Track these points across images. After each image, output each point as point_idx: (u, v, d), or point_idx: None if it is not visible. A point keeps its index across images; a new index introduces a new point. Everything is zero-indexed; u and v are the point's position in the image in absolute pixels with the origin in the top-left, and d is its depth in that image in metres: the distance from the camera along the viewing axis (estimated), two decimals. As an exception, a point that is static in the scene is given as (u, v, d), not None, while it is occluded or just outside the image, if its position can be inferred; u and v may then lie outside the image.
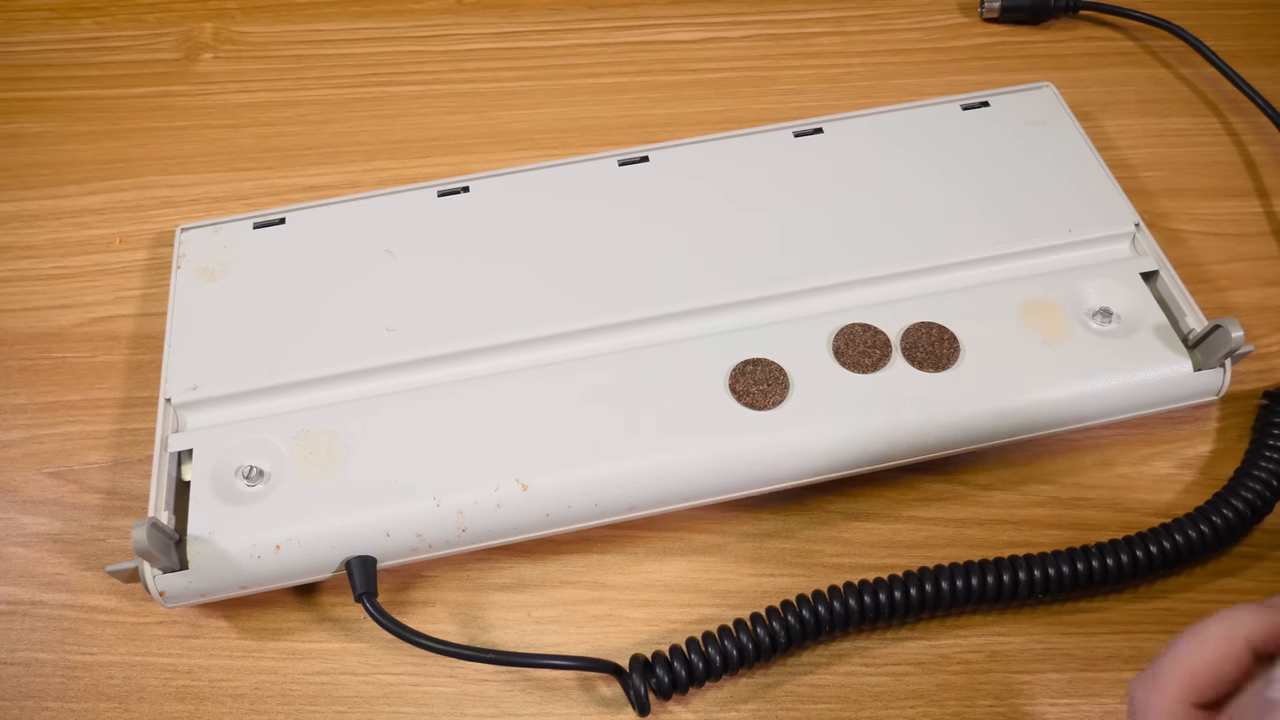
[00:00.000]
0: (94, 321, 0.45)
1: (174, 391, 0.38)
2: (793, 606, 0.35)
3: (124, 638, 0.37)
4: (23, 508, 0.40)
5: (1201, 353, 0.38)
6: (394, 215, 0.43)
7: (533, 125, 0.52)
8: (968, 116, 0.46)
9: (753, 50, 0.54)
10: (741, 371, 0.38)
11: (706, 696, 0.35)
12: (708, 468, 0.36)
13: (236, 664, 0.37)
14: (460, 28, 0.56)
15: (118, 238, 0.48)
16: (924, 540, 0.38)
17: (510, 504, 0.36)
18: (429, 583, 0.38)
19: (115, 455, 0.41)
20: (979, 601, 0.36)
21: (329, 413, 0.38)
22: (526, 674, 0.36)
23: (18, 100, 0.53)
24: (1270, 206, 0.47)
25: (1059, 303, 0.39)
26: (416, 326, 0.40)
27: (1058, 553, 0.36)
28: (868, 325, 0.39)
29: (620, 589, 0.38)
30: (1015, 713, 0.35)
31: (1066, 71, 0.52)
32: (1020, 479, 0.40)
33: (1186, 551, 0.36)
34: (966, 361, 0.38)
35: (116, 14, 0.57)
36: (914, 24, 0.55)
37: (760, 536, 0.39)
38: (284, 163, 0.50)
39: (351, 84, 0.53)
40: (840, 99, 0.52)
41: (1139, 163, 0.49)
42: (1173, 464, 0.40)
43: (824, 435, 0.37)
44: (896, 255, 0.41)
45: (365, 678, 0.36)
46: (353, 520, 0.35)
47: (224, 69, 0.54)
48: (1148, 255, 0.41)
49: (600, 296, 0.40)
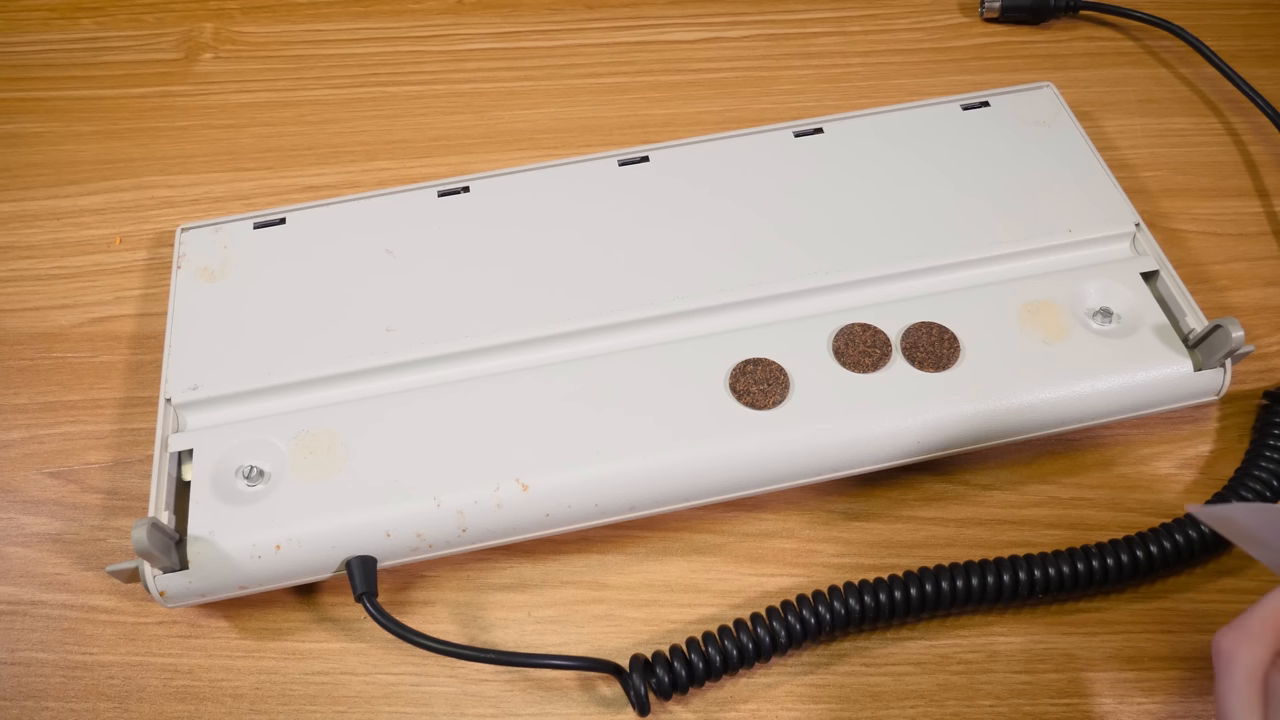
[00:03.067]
0: (94, 321, 0.45)
1: (174, 391, 0.38)
2: (793, 606, 0.35)
3: (124, 638, 0.37)
4: (23, 508, 0.40)
5: (1201, 353, 0.38)
6: (394, 215, 0.43)
7: (533, 125, 0.52)
8: (968, 116, 0.46)
9: (753, 50, 0.54)
10: (741, 371, 0.38)
11: (706, 696, 0.35)
12: (708, 468, 0.36)
13: (236, 664, 0.37)
14: (460, 28, 0.56)
15: (118, 238, 0.48)
16: (924, 540, 0.38)
17: (510, 504, 0.36)
18: (429, 583, 0.38)
19: (115, 455, 0.41)
20: (979, 601, 0.36)
21: (329, 413, 0.38)
22: (526, 674, 0.36)
23: (18, 100, 0.53)
24: (1270, 206, 0.47)
25: (1059, 303, 0.39)
26: (417, 326, 0.40)
27: (1058, 553, 0.36)
28: (868, 325, 0.39)
29: (620, 589, 0.38)
30: (1015, 713, 0.35)
31: (1066, 71, 0.52)
32: (1020, 479, 0.40)
33: (1186, 551, 0.36)
34: (966, 361, 0.38)
35: (116, 14, 0.57)
36: (914, 24, 0.55)
37: (760, 536, 0.39)
38: (284, 163, 0.50)
39: (351, 84, 0.54)
40: (840, 99, 0.52)
41: (1139, 163, 0.49)
42: (1173, 464, 0.40)
43: (824, 435, 0.37)
44: (896, 255, 0.41)
45: (365, 678, 0.36)
46: (353, 520, 0.35)
47: (224, 69, 0.54)
48: (1148, 255, 0.41)
49: (600, 296, 0.40)
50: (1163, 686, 0.35)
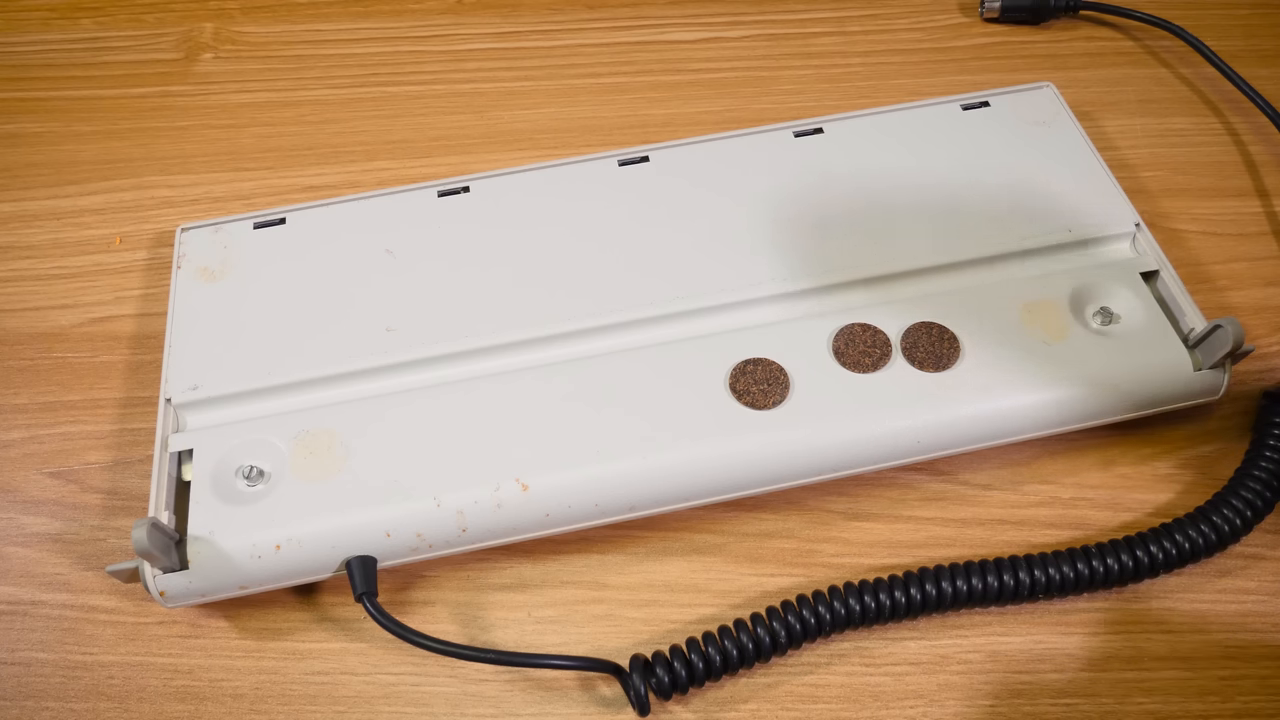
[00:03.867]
0: (94, 321, 0.45)
1: (174, 391, 0.39)
2: (793, 606, 0.35)
3: (124, 638, 0.37)
4: (23, 508, 0.40)
5: (1201, 353, 0.38)
6: (394, 215, 0.43)
7: (533, 125, 0.52)
8: (968, 116, 0.46)
9: (753, 50, 0.54)
10: (741, 371, 0.38)
11: (706, 696, 0.35)
12: (708, 468, 0.36)
13: (236, 664, 0.37)
14: (460, 28, 0.56)
15: (118, 238, 0.48)
16: (924, 540, 0.38)
17: (510, 504, 0.36)
18: (429, 583, 0.38)
19: (115, 455, 0.41)
20: (979, 601, 0.36)
21: (329, 413, 0.38)
22: (526, 674, 0.36)
23: (18, 100, 0.53)
24: (1270, 206, 0.47)
25: (1059, 303, 0.39)
26: (417, 326, 0.40)
27: (1058, 553, 0.36)
28: (868, 325, 0.39)
29: (620, 589, 0.38)
30: (1015, 713, 0.35)
31: (1066, 71, 0.52)
32: (1020, 479, 0.40)
33: (1187, 551, 0.36)
34: (966, 361, 0.38)
35: (116, 14, 0.57)
36: (914, 24, 0.55)
37: (760, 536, 0.39)
38: (284, 163, 0.50)
39: (351, 84, 0.54)
40: (840, 99, 0.52)
41: (1139, 163, 0.49)
42: (1173, 464, 0.40)
43: (824, 435, 0.37)
44: (897, 255, 0.41)
45: (365, 678, 0.36)
46: (353, 520, 0.35)
47: (224, 69, 0.54)
48: (1148, 255, 0.41)
49: (600, 296, 0.40)
50: (1163, 686, 0.35)
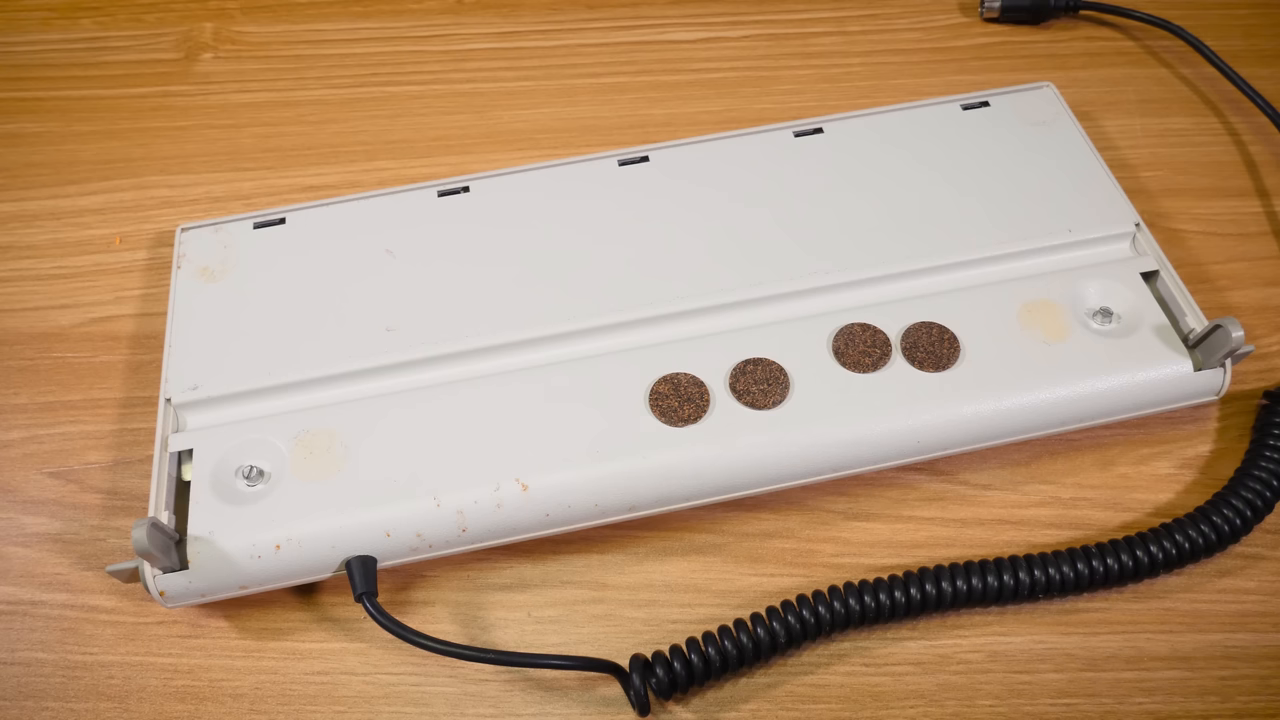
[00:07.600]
0: (94, 321, 0.45)
1: (174, 391, 0.38)
2: (793, 606, 0.35)
3: (124, 638, 0.37)
4: (23, 508, 0.40)
5: (1202, 353, 0.38)
6: (394, 215, 0.43)
7: (533, 125, 0.52)
8: (968, 116, 0.46)
9: (753, 50, 0.54)
10: (741, 371, 0.38)
11: (706, 696, 0.35)
12: (708, 467, 0.36)
13: (236, 664, 0.37)
14: (460, 28, 0.56)
15: (118, 238, 0.48)
16: (924, 540, 0.38)
17: (510, 504, 0.36)
18: (429, 583, 0.38)
19: (115, 455, 0.41)
20: (979, 601, 0.36)
21: (329, 413, 0.38)
22: (526, 674, 0.36)
23: (18, 100, 0.53)
24: (1270, 206, 0.47)
25: (1059, 303, 0.39)
26: (417, 326, 0.40)
27: (1058, 553, 0.36)
28: (868, 325, 0.39)
29: (620, 589, 0.38)
30: (1015, 713, 0.35)
31: (1066, 71, 0.52)
32: (1020, 479, 0.40)
33: (1187, 551, 0.36)
34: (966, 361, 0.38)
35: (116, 14, 0.57)
36: (914, 24, 0.55)
37: (760, 536, 0.39)
38: (284, 163, 0.50)
39: (351, 84, 0.54)
40: (840, 99, 0.52)
41: (1139, 163, 0.49)
42: (1173, 464, 0.40)
43: (824, 435, 0.37)
44: (896, 255, 0.41)
45: (365, 678, 0.36)
46: (353, 520, 0.35)
47: (224, 69, 0.54)
48: (1148, 255, 0.41)
49: (600, 296, 0.40)
50: (1163, 686, 0.35)
